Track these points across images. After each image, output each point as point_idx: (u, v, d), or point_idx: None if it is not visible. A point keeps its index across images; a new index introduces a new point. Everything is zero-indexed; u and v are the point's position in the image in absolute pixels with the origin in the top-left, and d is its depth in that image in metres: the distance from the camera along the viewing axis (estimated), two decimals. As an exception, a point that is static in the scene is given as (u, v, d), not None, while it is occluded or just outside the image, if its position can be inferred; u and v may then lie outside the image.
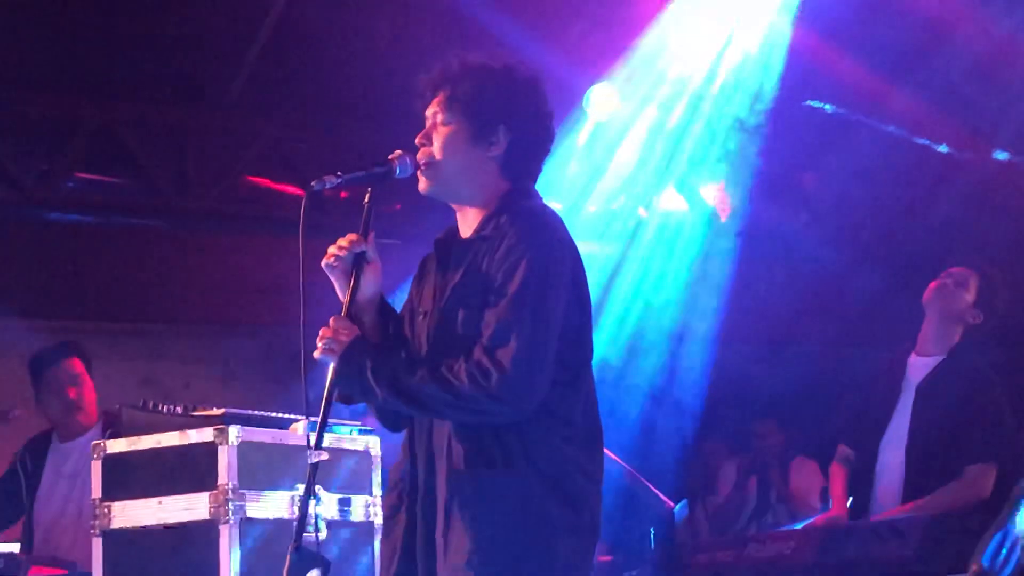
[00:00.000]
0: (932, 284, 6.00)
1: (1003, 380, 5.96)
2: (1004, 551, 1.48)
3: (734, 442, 8.21)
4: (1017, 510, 1.41)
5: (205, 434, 4.48)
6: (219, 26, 7.46)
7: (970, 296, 5.92)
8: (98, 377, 6.48)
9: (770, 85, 7.62)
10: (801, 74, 7.60)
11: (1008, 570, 1.47)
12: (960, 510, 5.53)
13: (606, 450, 3.78)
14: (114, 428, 6.00)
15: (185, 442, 4.53)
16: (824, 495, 7.16)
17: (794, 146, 8.24)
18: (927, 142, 8.37)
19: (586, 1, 7.45)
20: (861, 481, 5.97)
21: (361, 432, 4.83)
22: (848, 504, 5.98)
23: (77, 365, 6.30)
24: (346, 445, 4.76)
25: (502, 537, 3.50)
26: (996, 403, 5.83)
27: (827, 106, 8.18)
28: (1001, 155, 8.48)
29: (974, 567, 1.42)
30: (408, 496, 3.66)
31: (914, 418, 5.85)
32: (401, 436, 3.78)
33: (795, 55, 7.47)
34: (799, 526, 6.24)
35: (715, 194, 8.46)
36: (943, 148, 8.40)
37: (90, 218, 8.33)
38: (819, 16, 7.21)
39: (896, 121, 8.23)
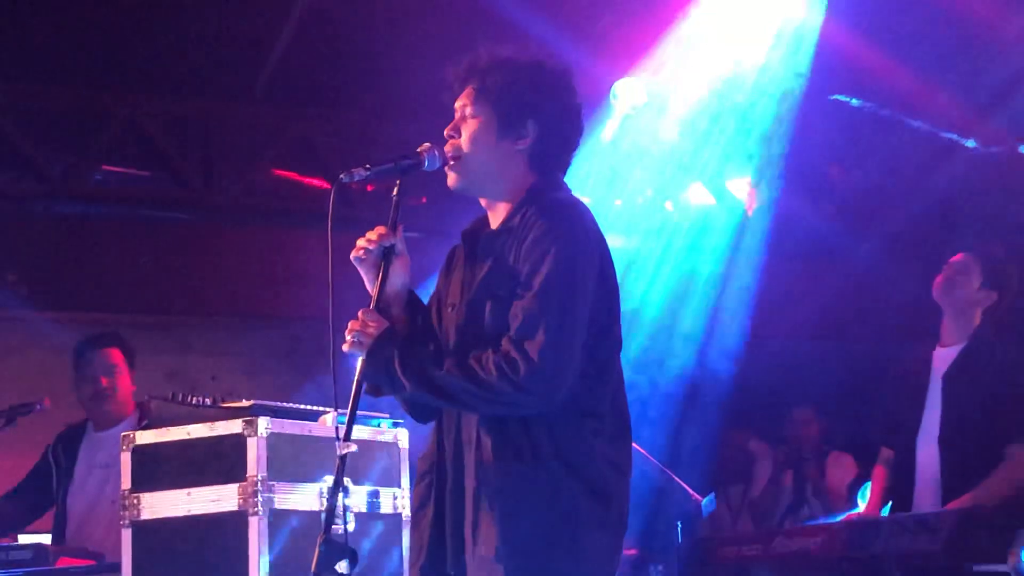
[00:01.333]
0: (937, 279, 6.01)
1: None
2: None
3: (768, 435, 8.20)
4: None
5: (234, 426, 4.49)
6: (246, 19, 7.48)
7: (976, 280, 5.92)
8: (128, 369, 6.50)
9: (799, 79, 7.60)
10: (830, 68, 7.59)
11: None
12: (1014, 495, 5.51)
13: (634, 443, 3.79)
14: (147, 419, 6.08)
15: (214, 434, 4.54)
16: (853, 489, 7.16)
17: (823, 141, 8.23)
18: (955, 136, 8.35)
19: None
20: (902, 479, 5.96)
21: (390, 424, 4.85)
22: (884, 508, 5.98)
23: (115, 355, 6.31)
24: (375, 437, 4.77)
25: (530, 529, 3.51)
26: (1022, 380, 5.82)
27: (853, 100, 8.16)
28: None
29: (1010, 564, 1.41)
30: (437, 488, 3.68)
31: (944, 408, 5.84)
32: (430, 428, 3.80)
33: (824, 49, 7.45)
34: (833, 520, 6.23)
35: (743, 189, 8.45)
36: (970, 143, 8.38)
37: (117, 211, 8.35)
38: (849, 9, 7.20)
39: (923, 116, 8.21)
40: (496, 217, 3.76)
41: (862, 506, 6.21)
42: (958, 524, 5.17)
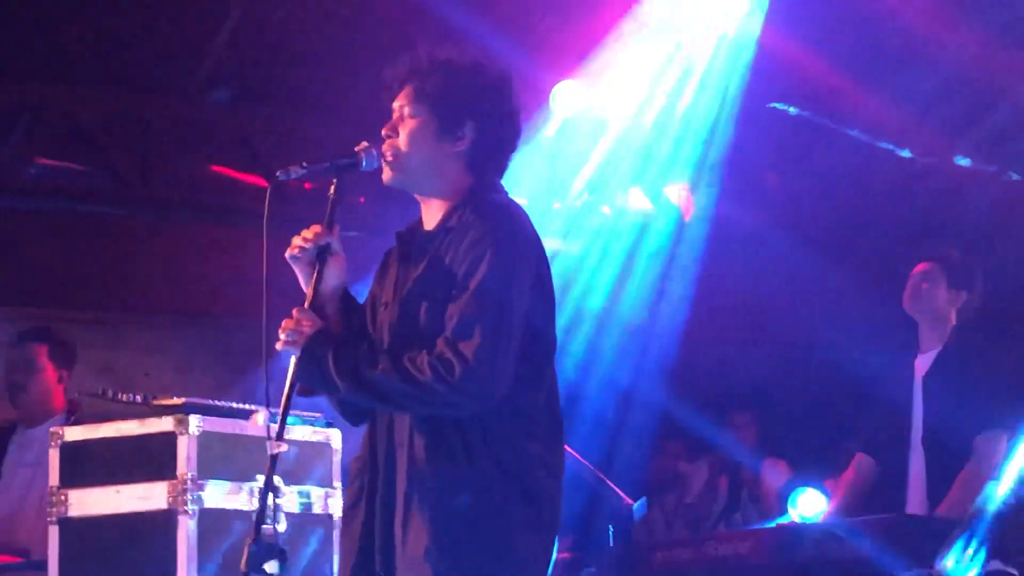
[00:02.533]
0: (905, 290, 6.07)
1: (1005, 352, 6.03)
2: (969, 556, 1.48)
3: (699, 442, 8.23)
4: (982, 513, 1.41)
5: (165, 423, 4.46)
6: (186, 14, 7.43)
7: (942, 285, 5.99)
8: (58, 366, 6.44)
9: (737, 86, 7.64)
10: (769, 75, 7.62)
11: (970, 571, 1.47)
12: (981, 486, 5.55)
13: (567, 446, 3.79)
14: (75, 416, 6.01)
15: (144, 431, 4.51)
16: (784, 494, 7.20)
17: (760, 147, 8.27)
18: (891, 147, 8.41)
19: (555, -1, 7.47)
20: (892, 487, 5.99)
21: (323, 424, 4.82)
22: (841, 506, 6.03)
23: (36, 351, 6.25)
24: (307, 437, 4.75)
25: (461, 531, 3.50)
26: (996, 373, 5.88)
27: (791, 109, 8.21)
28: (963, 161, 8.53)
29: (936, 572, 1.42)
30: (368, 489, 3.66)
31: (924, 410, 5.90)
32: (363, 428, 3.78)
33: (763, 56, 7.49)
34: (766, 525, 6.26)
35: (680, 194, 8.48)
36: (906, 153, 8.44)
37: (51, 205, 8.26)
38: (788, 18, 7.23)
39: (860, 125, 8.27)
40: (432, 218, 3.76)
41: (792, 512, 6.25)
42: (887, 530, 5.20)
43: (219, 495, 4.45)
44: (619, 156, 8.13)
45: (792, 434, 7.97)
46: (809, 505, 7.15)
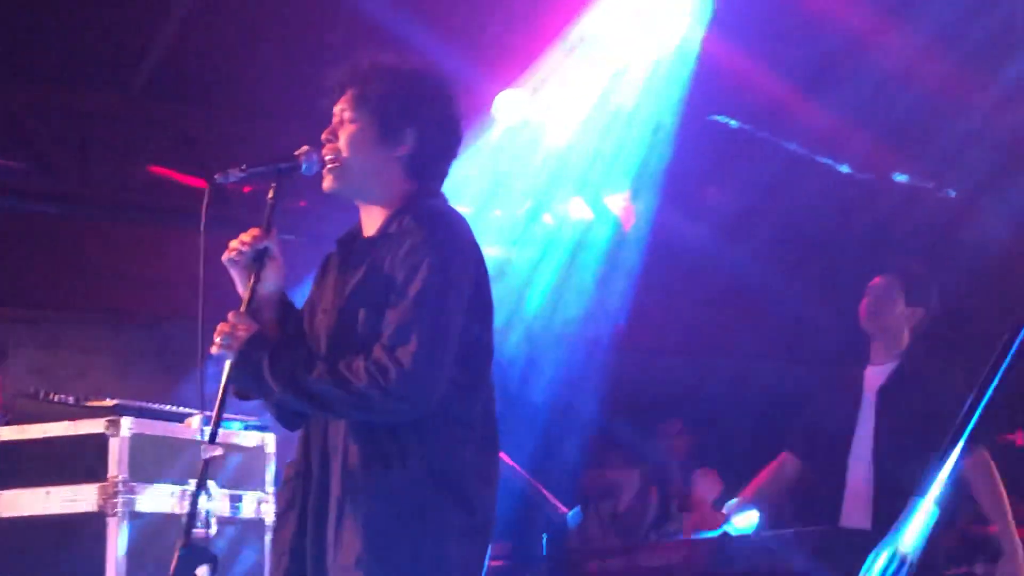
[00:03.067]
0: (862, 305, 6.09)
1: (961, 370, 6.06)
2: (892, 569, 1.49)
3: (633, 451, 8.26)
4: (905, 528, 1.42)
5: (96, 425, 4.43)
6: (128, 12, 7.38)
7: (899, 301, 6.02)
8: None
9: (678, 97, 7.67)
10: (710, 88, 7.66)
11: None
12: (1004, 496, 5.60)
13: (502, 454, 3.79)
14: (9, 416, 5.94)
15: (76, 432, 4.48)
16: (717, 505, 7.23)
17: (700, 159, 8.31)
18: (830, 162, 8.47)
19: (497, 6, 7.46)
20: (829, 494, 6.00)
21: (256, 428, 4.80)
22: (755, 494, 6.04)
23: None
24: (240, 441, 4.73)
25: (394, 537, 3.49)
26: (957, 393, 5.90)
27: (732, 122, 8.25)
28: (901, 177, 8.60)
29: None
30: (301, 494, 3.64)
31: (878, 423, 5.90)
32: (298, 433, 3.77)
33: (705, 68, 7.52)
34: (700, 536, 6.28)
35: (620, 204, 8.51)
36: (844, 168, 8.51)
37: (-13, 202, 8.20)
38: (730, 31, 7.27)
39: (800, 139, 8.33)
40: (372, 224, 3.75)
41: (736, 521, 6.27)
42: (818, 544, 5.24)
43: (151, 498, 4.42)
44: (561, 165, 8.14)
45: (725, 445, 8.01)
46: (742, 517, 7.19)
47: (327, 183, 3.72)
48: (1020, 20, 6.89)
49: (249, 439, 4.77)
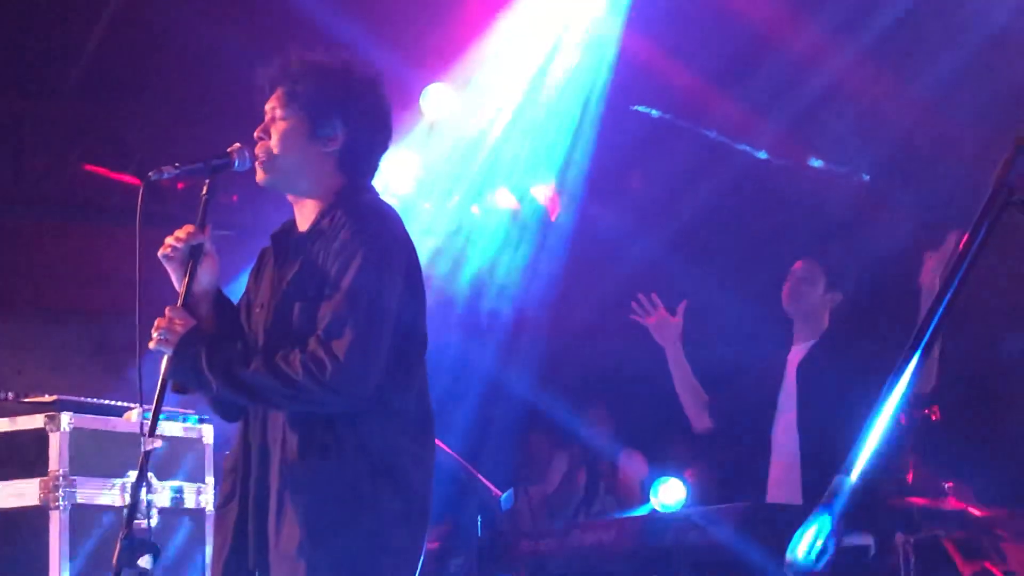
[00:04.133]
0: (784, 289, 6.14)
1: (876, 347, 6.12)
2: (818, 543, 1.51)
3: (561, 434, 8.27)
4: (832, 504, 1.44)
5: (36, 420, 4.39)
6: (57, 15, 7.31)
7: (820, 285, 6.07)
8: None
9: (600, 88, 7.69)
10: (630, 78, 7.69)
11: (822, 562, 1.50)
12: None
13: (437, 440, 3.79)
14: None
15: (15, 428, 4.45)
16: (645, 487, 7.27)
17: (622, 148, 8.33)
18: (747, 148, 8.51)
19: (425, 3, 7.45)
20: (755, 465, 6.05)
21: (195, 421, 4.77)
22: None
23: None
24: (179, 433, 4.70)
25: (333, 525, 3.50)
26: (872, 369, 5.96)
27: (653, 111, 8.28)
28: (816, 163, 8.66)
29: (787, 559, 1.44)
30: (241, 485, 3.64)
31: (800, 398, 5.96)
32: (235, 425, 3.75)
33: (625, 59, 7.55)
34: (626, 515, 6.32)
35: (546, 194, 8.52)
36: (762, 154, 8.55)
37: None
38: (647, 21, 7.30)
39: (719, 127, 8.37)
40: (305, 218, 3.74)
41: (653, 502, 6.31)
42: (744, 519, 5.27)
43: (91, 491, 4.39)
44: (487, 157, 8.14)
45: (649, 426, 8.03)
46: (669, 494, 7.23)
47: (260, 178, 3.71)
48: (923, 8, 6.96)
49: (187, 431, 4.74)
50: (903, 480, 6.29)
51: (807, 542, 1.62)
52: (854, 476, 1.62)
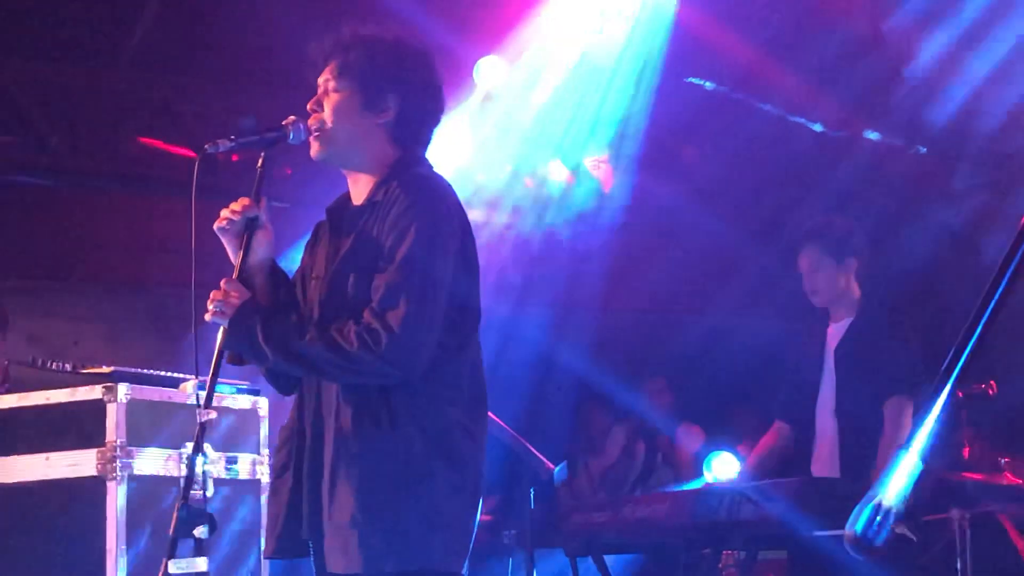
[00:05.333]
0: (804, 287, 6.11)
1: (909, 324, 6.09)
2: (878, 519, 1.51)
3: (619, 408, 8.27)
4: (889, 479, 1.44)
5: (93, 391, 4.42)
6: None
7: (829, 265, 6.02)
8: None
9: (655, 59, 7.66)
10: (685, 51, 7.65)
11: (881, 537, 1.49)
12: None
13: (490, 413, 3.80)
14: (7, 384, 5.93)
15: (73, 399, 4.47)
16: (699, 458, 7.26)
17: (677, 121, 8.30)
18: (803, 120, 8.47)
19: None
20: (801, 448, 6.05)
21: (249, 392, 4.80)
22: (754, 464, 6.06)
23: None
24: (234, 405, 4.72)
25: (386, 497, 3.50)
26: (901, 343, 5.94)
27: (707, 84, 8.24)
28: (872, 135, 8.60)
29: (848, 534, 1.44)
30: (296, 456, 3.66)
31: (838, 381, 5.95)
32: (290, 399, 3.77)
33: (680, 32, 7.51)
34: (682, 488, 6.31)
35: (599, 167, 8.50)
36: (817, 127, 8.51)
37: (-22, 175, 8.16)
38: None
39: (774, 100, 8.32)
40: (359, 192, 3.75)
41: (707, 475, 6.30)
42: (796, 494, 5.26)
43: (148, 462, 4.41)
44: (541, 129, 8.13)
45: (706, 401, 8.04)
46: (723, 468, 7.23)
47: (314, 151, 3.72)
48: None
49: (243, 402, 4.76)
50: (959, 455, 6.26)
51: (864, 518, 1.61)
52: (913, 454, 1.61)
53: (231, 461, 4.66)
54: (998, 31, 6.98)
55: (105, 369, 4.52)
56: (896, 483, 1.61)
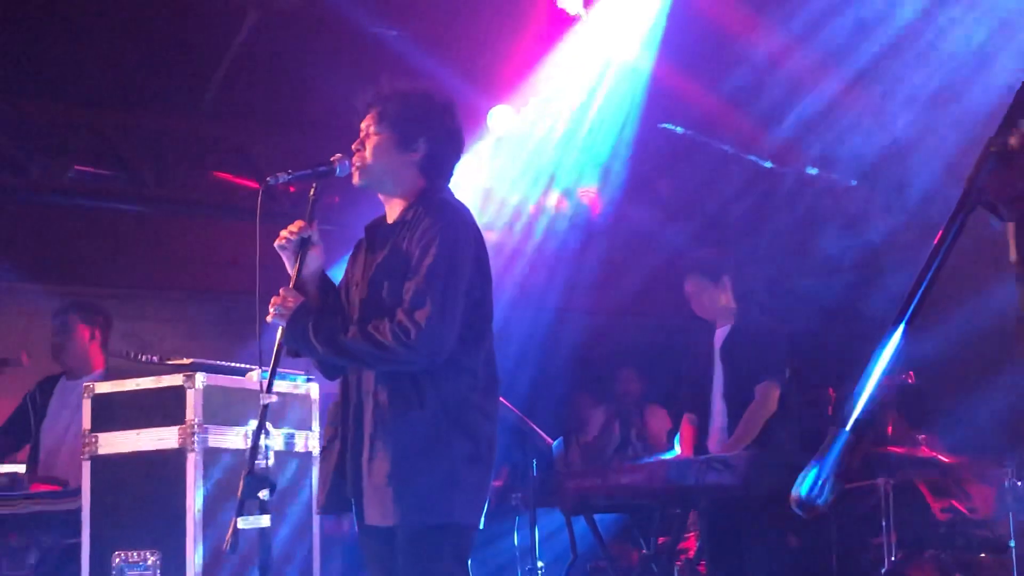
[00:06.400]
0: (692, 307, 6.14)
1: (778, 321, 6.10)
2: (819, 483, 1.50)
3: (598, 393, 8.24)
4: (831, 449, 1.43)
5: (176, 379, 4.41)
6: (195, 46, 7.34)
7: (708, 287, 6.02)
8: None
9: (635, 108, 7.65)
10: (659, 101, 7.65)
11: (823, 499, 1.48)
12: (758, 426, 5.66)
13: (501, 398, 3.79)
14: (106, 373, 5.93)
15: (160, 385, 4.46)
16: (671, 436, 7.23)
17: (653, 159, 8.29)
18: (755, 159, 8.45)
19: (491, 37, 7.43)
20: (702, 429, 6.04)
21: (304, 380, 4.79)
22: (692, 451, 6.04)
23: (69, 320, 6.14)
24: (291, 390, 4.71)
25: (415, 462, 3.51)
26: (771, 335, 5.94)
27: (679, 128, 8.23)
28: (811, 171, 8.58)
29: (793, 496, 1.43)
30: (341, 430, 3.66)
31: (724, 372, 5.94)
32: (336, 383, 3.77)
33: (655, 86, 7.51)
34: (652, 459, 6.28)
35: (589, 195, 8.49)
36: (767, 164, 8.49)
37: (87, 203, 8.15)
38: (675, 52, 7.25)
39: (731, 141, 8.31)
40: (392, 213, 3.75)
41: (678, 449, 6.28)
42: (754, 464, 5.25)
43: (219, 437, 4.41)
44: (542, 165, 8.12)
45: (666, 387, 7.98)
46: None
47: (356, 181, 3.73)
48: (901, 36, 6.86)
49: (298, 388, 4.75)
50: (884, 432, 6.24)
51: (811, 482, 1.60)
52: (848, 429, 1.60)
53: (289, 436, 4.65)
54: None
55: (185, 361, 4.52)
56: (833, 455, 1.59)
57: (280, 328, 3.55)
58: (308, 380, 4.79)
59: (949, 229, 1.66)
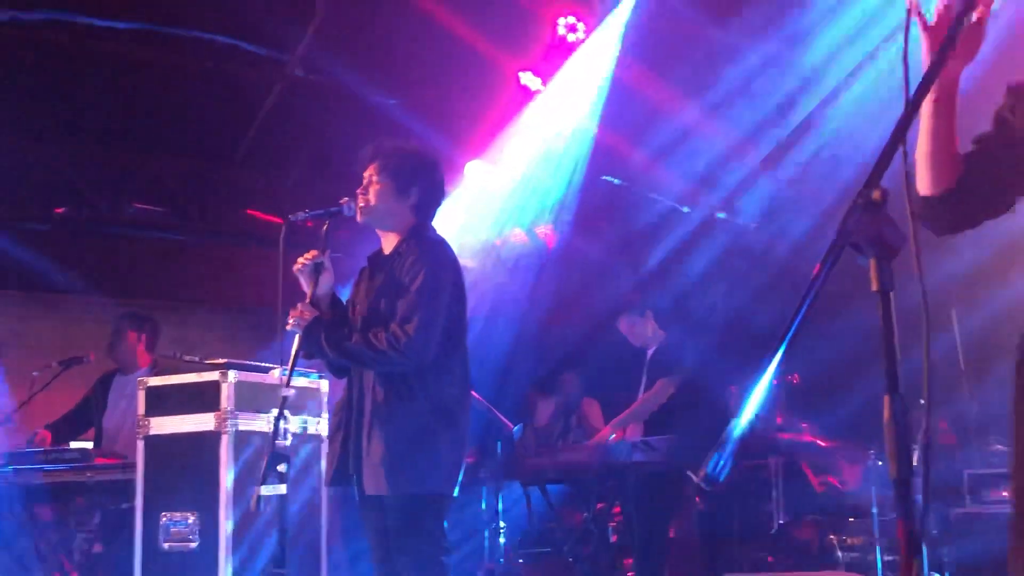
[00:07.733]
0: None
1: (688, 336, 6.10)
2: (720, 463, 1.51)
3: (548, 388, 8.23)
4: (729, 436, 1.44)
5: (213, 375, 4.40)
6: (230, 102, 7.34)
7: (636, 323, 5.99)
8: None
9: (581, 162, 7.70)
10: (602, 155, 7.70)
11: (723, 475, 1.50)
12: (650, 408, 5.68)
13: (473, 392, 3.80)
14: (155, 370, 5.90)
15: (200, 380, 4.45)
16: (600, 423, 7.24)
17: (596, 204, 8.32)
18: (676, 205, 8.48)
19: (469, 106, 7.47)
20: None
21: (316, 377, 4.78)
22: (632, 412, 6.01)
23: (121, 326, 6.11)
24: (306, 385, 4.70)
25: (405, 445, 3.51)
26: (678, 348, 5.93)
27: (616, 180, 8.27)
28: (720, 215, 8.63)
29: (701, 472, 1.44)
30: (346, 419, 3.66)
31: (647, 379, 5.94)
32: (343, 381, 3.77)
33: (598, 144, 7.57)
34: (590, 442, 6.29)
35: (545, 231, 8.51)
36: (685, 209, 8.52)
37: (143, 234, 8.12)
38: (614, 117, 7.31)
39: (658, 190, 8.34)
40: (388, 245, 3.77)
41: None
42: (675, 446, 5.27)
43: (247, 422, 4.39)
44: (507, 206, 8.15)
45: (603, 384, 7.99)
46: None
47: (361, 219, 3.74)
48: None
49: (311, 383, 4.74)
50: (774, 421, 6.28)
51: (714, 461, 1.62)
52: (743, 421, 1.62)
53: (303, 422, 4.63)
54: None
55: (221, 360, 4.51)
56: (731, 440, 1.61)
57: (297, 335, 3.55)
58: (319, 377, 4.78)
59: (825, 263, 1.69)
